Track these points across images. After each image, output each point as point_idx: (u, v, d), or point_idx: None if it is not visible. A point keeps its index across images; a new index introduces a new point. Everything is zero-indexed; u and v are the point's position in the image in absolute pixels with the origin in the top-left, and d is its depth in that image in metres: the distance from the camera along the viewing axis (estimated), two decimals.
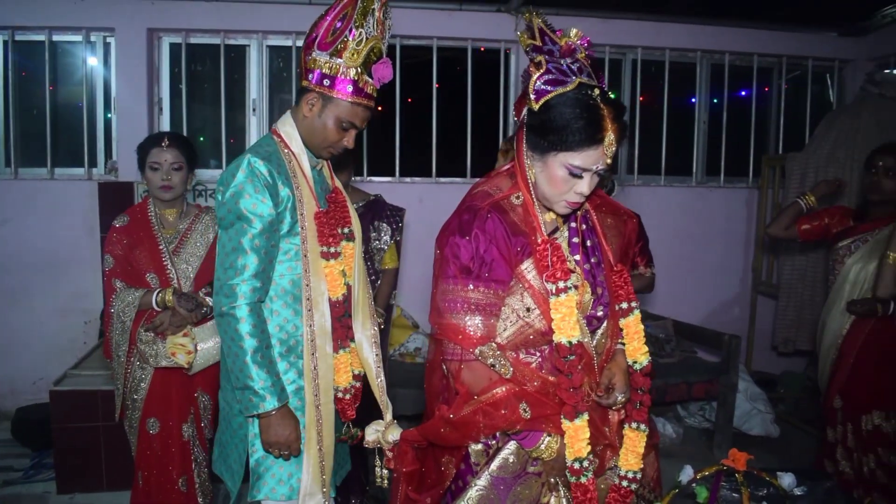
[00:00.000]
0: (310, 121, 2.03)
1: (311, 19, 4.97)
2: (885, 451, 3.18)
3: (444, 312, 1.73)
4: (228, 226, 1.95)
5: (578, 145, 1.61)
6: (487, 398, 1.69)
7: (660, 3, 4.95)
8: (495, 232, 1.70)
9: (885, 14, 5.15)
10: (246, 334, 1.90)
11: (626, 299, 1.85)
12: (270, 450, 1.97)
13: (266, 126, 4.83)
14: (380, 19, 1.99)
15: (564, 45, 1.67)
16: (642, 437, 1.86)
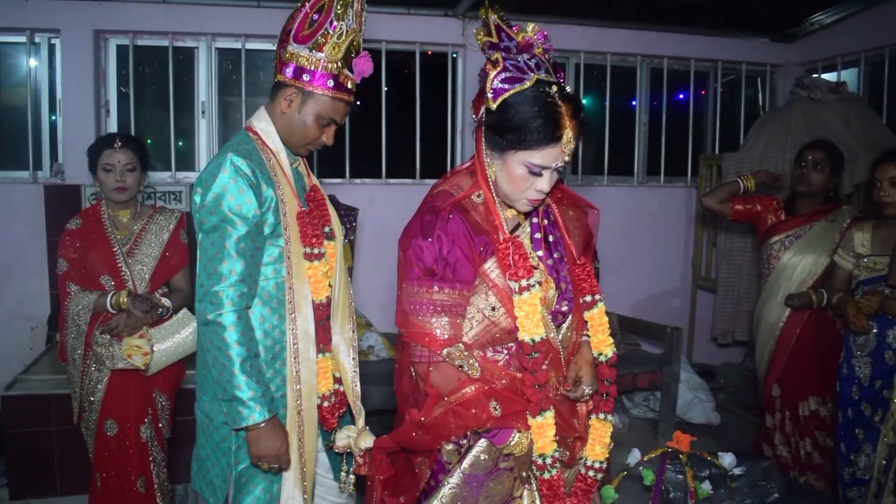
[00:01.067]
0: (288, 117, 1.96)
1: (260, 21, 5.00)
2: (822, 434, 3.39)
3: (410, 315, 1.70)
4: (211, 229, 1.85)
5: (537, 144, 1.61)
6: (457, 398, 1.68)
7: (602, 10, 5.11)
8: (457, 232, 1.70)
9: (813, 21, 5.42)
10: (234, 343, 1.81)
11: (589, 292, 1.86)
12: (259, 463, 1.89)
13: (216, 128, 4.83)
14: (358, 11, 1.95)
15: (522, 40, 1.66)
16: (609, 428, 1.88)
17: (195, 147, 4.86)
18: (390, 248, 5.49)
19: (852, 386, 3.00)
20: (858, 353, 2.98)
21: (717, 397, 5.10)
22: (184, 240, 3.00)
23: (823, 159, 3.33)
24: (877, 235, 2.99)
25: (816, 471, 3.41)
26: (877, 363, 2.93)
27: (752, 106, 6.06)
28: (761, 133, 4.90)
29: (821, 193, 3.39)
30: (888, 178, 2.89)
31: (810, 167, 3.35)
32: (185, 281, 3.00)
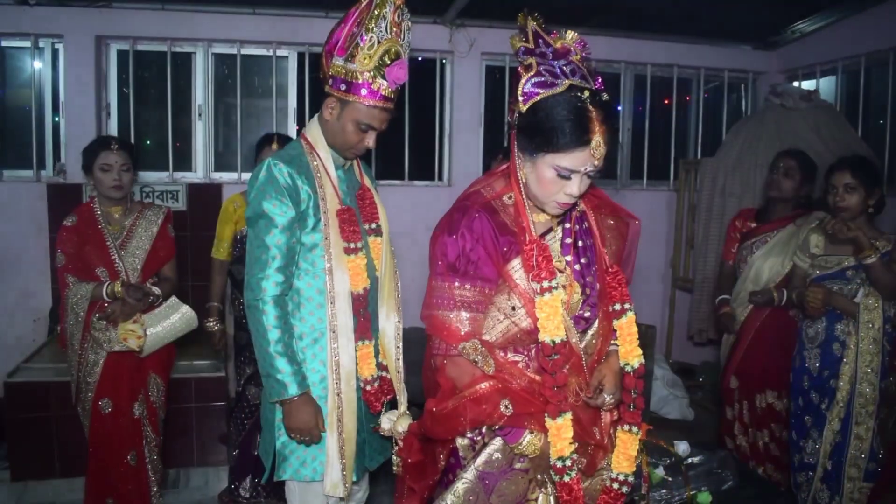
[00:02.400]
0: (331, 124, 2.16)
1: (254, 28, 5.19)
2: (778, 427, 3.56)
3: (433, 308, 1.76)
4: (254, 224, 2.10)
5: (566, 147, 1.62)
6: (471, 393, 1.72)
7: (587, 17, 5.28)
8: (482, 231, 1.73)
9: (794, 30, 5.58)
10: (269, 326, 2.04)
11: (619, 300, 1.83)
12: (292, 435, 2.10)
13: (212, 130, 5.03)
14: (394, 21, 2.07)
15: (559, 46, 1.69)
16: (635, 440, 1.84)
17: (192, 148, 5.07)
18: None
19: (803, 376, 3.18)
20: (809, 346, 3.16)
21: (695, 395, 5.25)
22: (171, 233, 3.23)
23: (794, 167, 3.52)
24: (829, 238, 3.16)
25: (774, 462, 3.58)
26: (825, 355, 3.11)
27: (735, 111, 6.24)
28: (736, 139, 5.07)
29: (791, 200, 3.58)
30: (843, 184, 3.05)
31: (781, 174, 3.54)
32: (172, 271, 3.24)
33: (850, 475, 3.00)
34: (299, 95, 5.19)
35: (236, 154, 5.13)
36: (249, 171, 5.14)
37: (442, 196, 5.39)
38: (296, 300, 2.15)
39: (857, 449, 2.99)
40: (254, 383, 3.34)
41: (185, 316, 3.10)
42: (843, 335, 3.06)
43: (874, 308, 2.97)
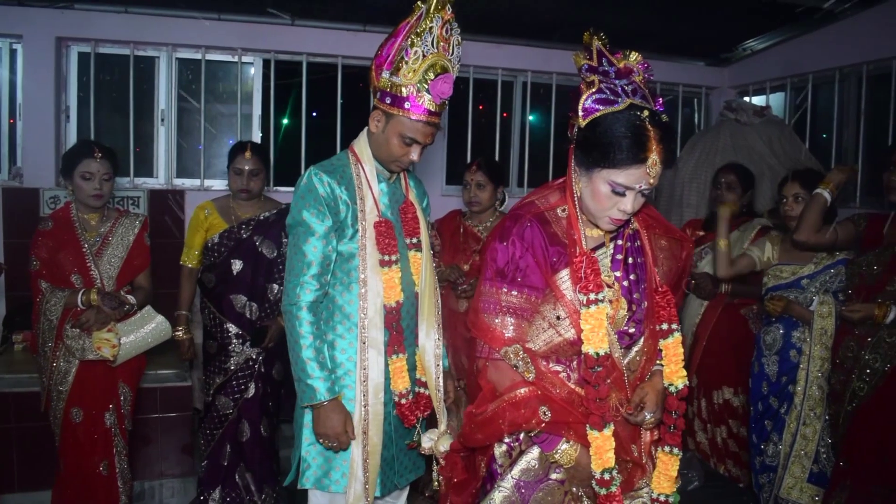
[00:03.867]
0: (376, 136, 2.18)
1: (220, 34, 5.17)
2: (735, 423, 3.71)
3: (479, 312, 1.79)
4: (293, 231, 2.14)
5: (622, 163, 1.63)
6: (510, 397, 1.74)
7: (548, 32, 5.40)
8: (533, 240, 1.75)
9: (745, 47, 5.80)
10: (302, 331, 2.07)
11: (667, 320, 1.84)
12: (321, 440, 2.10)
13: (174, 135, 4.97)
14: (441, 36, 2.07)
15: (622, 66, 1.72)
16: (675, 461, 1.84)
17: (154, 154, 4.99)
18: None
19: (762, 382, 3.32)
20: (767, 352, 3.30)
21: None
22: (147, 242, 3.19)
23: (735, 181, 3.75)
24: (783, 247, 3.32)
25: (733, 458, 3.74)
26: (783, 361, 3.25)
27: (689, 125, 6.44)
28: (692, 153, 5.24)
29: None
30: (792, 194, 3.21)
31: (724, 188, 3.75)
32: (147, 280, 3.20)
33: (792, 472, 3.15)
34: (264, 103, 5.16)
35: (199, 160, 5.07)
36: (212, 177, 5.11)
37: None
38: (329, 309, 2.18)
39: (803, 448, 3.14)
40: (223, 393, 3.31)
41: (160, 326, 3.07)
42: (799, 342, 3.21)
43: (827, 316, 3.12)
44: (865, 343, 2.92)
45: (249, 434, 3.33)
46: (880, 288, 2.91)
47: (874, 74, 4.93)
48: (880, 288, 2.91)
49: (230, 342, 3.30)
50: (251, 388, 3.33)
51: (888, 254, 2.92)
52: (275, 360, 3.44)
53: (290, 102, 5.38)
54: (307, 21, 5.06)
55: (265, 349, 3.34)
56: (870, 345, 2.90)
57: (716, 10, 4.88)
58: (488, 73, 5.60)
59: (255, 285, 3.34)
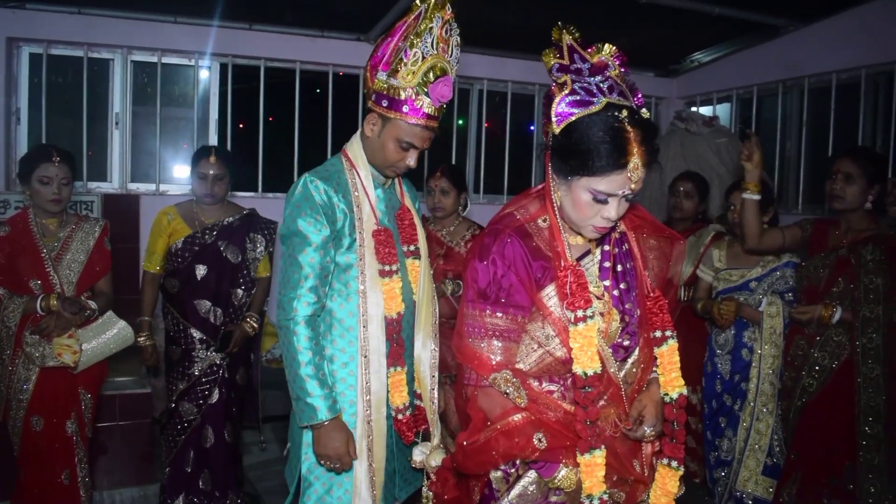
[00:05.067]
0: (371, 140, 2.07)
1: (176, 37, 5.13)
2: (693, 420, 3.82)
3: (464, 337, 1.67)
4: (287, 241, 2.02)
5: (602, 170, 1.51)
6: (503, 425, 1.63)
7: (504, 41, 5.50)
8: (514, 257, 1.64)
9: (693, 59, 6.00)
10: (300, 347, 1.96)
11: (660, 327, 1.73)
12: (322, 461, 2.00)
13: (129, 139, 4.89)
14: (441, 37, 1.98)
15: (596, 61, 1.58)
16: (674, 476, 1.74)
17: (108, 158, 4.91)
18: None
19: (715, 381, 3.44)
20: (720, 352, 3.43)
21: None
22: (107, 247, 3.14)
23: (692, 189, 3.90)
24: (730, 252, 3.46)
25: (690, 454, 3.85)
26: (735, 360, 3.38)
27: None
28: None
29: (691, 217, 3.93)
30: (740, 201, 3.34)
31: (682, 196, 3.89)
32: (108, 285, 3.15)
33: (748, 465, 3.28)
34: (221, 107, 5.13)
35: (155, 164, 5.01)
36: (168, 182, 5.06)
37: None
38: (328, 321, 2.08)
39: (757, 442, 3.27)
40: (187, 399, 3.28)
41: (122, 331, 3.03)
42: (750, 342, 3.34)
43: (776, 315, 3.26)
44: (814, 342, 3.05)
45: (213, 440, 3.30)
46: (827, 290, 3.05)
47: (815, 87, 5.17)
48: (827, 290, 3.05)
49: (194, 348, 3.26)
50: (215, 393, 3.29)
51: (833, 257, 3.06)
52: (238, 366, 3.42)
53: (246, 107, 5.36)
54: (265, 26, 5.05)
55: (229, 354, 3.32)
56: (818, 343, 3.04)
57: (665, 23, 5.04)
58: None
59: (219, 290, 3.31)
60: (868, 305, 2.92)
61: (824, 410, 3.03)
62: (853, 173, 2.95)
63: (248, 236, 3.41)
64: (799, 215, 5.02)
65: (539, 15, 4.92)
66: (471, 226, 3.63)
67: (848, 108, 4.90)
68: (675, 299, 2.27)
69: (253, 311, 3.43)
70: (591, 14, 4.80)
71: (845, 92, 4.93)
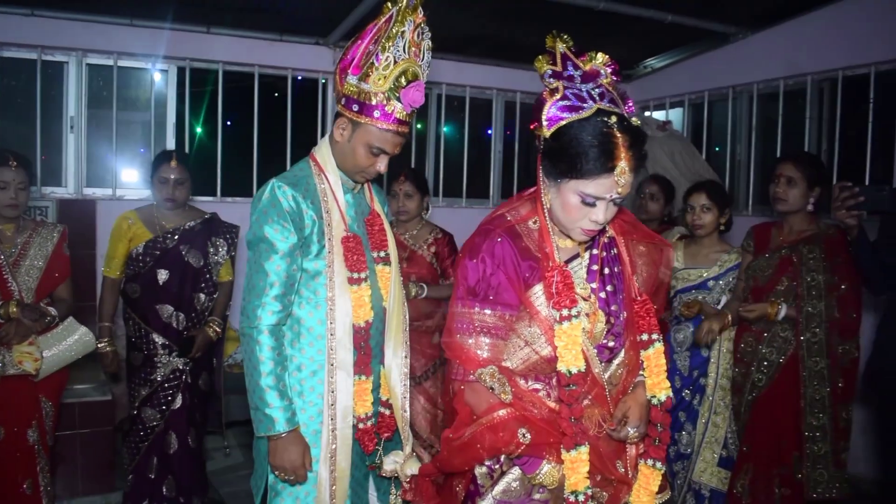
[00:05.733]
0: (341, 145, 2.04)
1: (132, 40, 5.08)
2: None
3: (453, 332, 1.71)
4: (254, 248, 1.99)
5: (590, 173, 1.56)
6: (488, 420, 1.67)
7: (463, 47, 5.56)
8: (504, 256, 1.68)
9: (646, 65, 6.14)
10: (262, 357, 1.93)
11: (647, 330, 1.78)
12: (277, 473, 1.97)
13: (84, 143, 4.83)
14: (412, 41, 1.96)
15: (588, 69, 1.63)
16: (657, 475, 1.77)
17: (62, 162, 4.83)
18: None
19: (674, 377, 3.53)
20: (678, 349, 3.53)
21: None
22: (66, 252, 3.11)
23: (658, 191, 4.02)
24: (688, 252, 3.56)
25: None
26: (694, 356, 3.48)
27: None
28: None
29: (657, 219, 4.04)
30: (700, 204, 3.45)
31: (648, 198, 4.00)
32: (67, 291, 3.12)
33: (704, 457, 3.39)
34: (178, 111, 5.09)
35: (111, 169, 4.95)
36: (125, 186, 4.99)
37: None
38: (296, 329, 2.05)
39: (714, 435, 3.38)
40: (149, 405, 3.26)
41: (83, 338, 3.01)
42: None
43: None
44: (762, 338, 3.18)
45: (177, 445, 3.28)
46: (771, 288, 3.18)
47: (764, 93, 5.34)
48: (771, 288, 3.18)
49: (156, 353, 3.25)
50: (178, 399, 3.28)
51: (777, 257, 3.19)
52: (202, 371, 3.41)
53: (204, 111, 5.33)
54: (223, 29, 5.03)
55: (192, 359, 3.31)
56: (766, 339, 3.16)
57: (621, 30, 5.16)
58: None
59: (181, 295, 3.30)
60: (811, 302, 3.06)
61: (773, 404, 3.15)
62: (795, 177, 3.09)
63: (210, 240, 3.41)
64: (749, 217, 5.19)
65: (499, 20, 5.01)
66: (433, 229, 3.68)
67: (795, 113, 5.08)
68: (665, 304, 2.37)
69: (215, 316, 3.43)
70: (549, 20, 4.89)
71: (792, 98, 5.11)
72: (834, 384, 3.03)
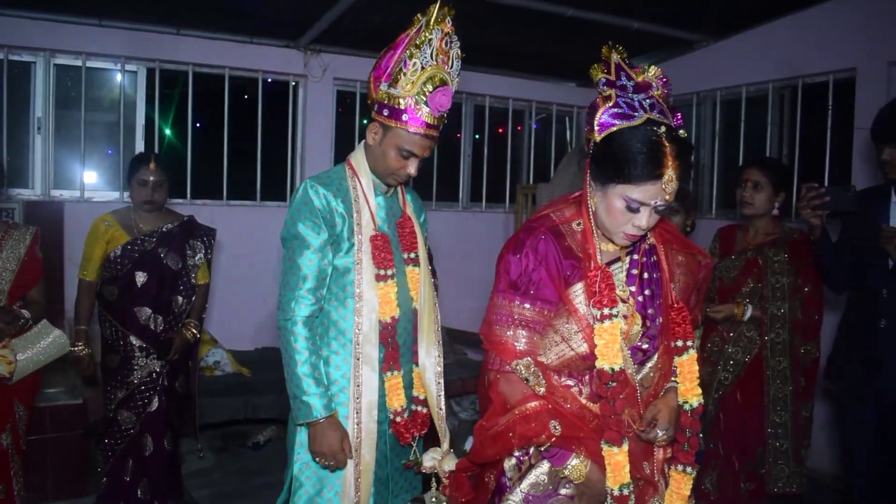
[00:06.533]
0: (373, 149, 2.14)
1: (101, 40, 5.03)
2: None
3: (492, 325, 1.76)
4: (287, 244, 2.09)
5: (637, 179, 1.60)
6: (521, 411, 1.71)
7: None
8: (547, 254, 1.73)
9: None
10: (298, 347, 2.02)
11: (682, 337, 1.81)
12: (317, 458, 2.05)
13: (51, 144, 4.77)
14: (440, 48, 2.05)
15: (640, 80, 1.68)
16: (688, 480, 1.82)
17: (29, 163, 4.76)
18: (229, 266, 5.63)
19: None
20: None
21: None
22: (39, 255, 3.08)
23: (678, 205, 4.02)
24: None
25: None
26: None
27: (561, 142, 6.85)
28: (569, 166, 5.59)
29: None
30: None
31: (669, 212, 4.04)
32: (41, 294, 3.09)
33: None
34: (148, 112, 5.05)
35: (79, 170, 4.89)
36: (94, 188, 4.94)
37: None
38: (325, 324, 2.15)
39: None
40: (126, 408, 3.24)
41: (57, 340, 2.98)
42: None
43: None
44: (728, 338, 3.28)
45: (153, 448, 3.27)
46: (737, 289, 3.29)
47: (727, 99, 5.49)
48: (737, 289, 3.29)
49: (133, 355, 3.23)
50: (154, 401, 3.27)
51: (742, 259, 3.30)
52: (178, 373, 3.41)
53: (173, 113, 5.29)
54: (193, 31, 5.01)
55: (169, 362, 3.31)
56: (732, 339, 3.27)
57: (588, 36, 5.25)
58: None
59: (160, 297, 3.30)
60: (775, 303, 3.17)
61: (738, 401, 3.25)
62: (761, 181, 3.19)
63: (189, 243, 3.42)
64: (713, 219, 5.32)
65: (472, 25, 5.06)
66: None
67: (757, 119, 5.23)
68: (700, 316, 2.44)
69: (193, 318, 3.43)
70: (518, 26, 4.97)
71: (754, 104, 5.27)
72: (795, 383, 3.16)
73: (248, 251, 5.25)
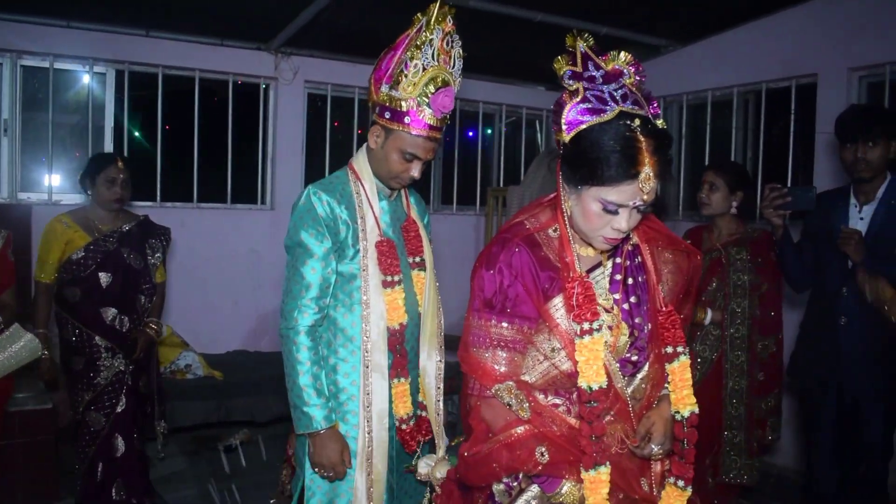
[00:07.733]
0: (375, 152, 2.10)
1: (69, 42, 5.01)
2: None
3: (469, 346, 1.63)
4: (291, 252, 2.06)
5: (611, 180, 1.46)
6: (505, 437, 1.59)
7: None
8: (522, 267, 1.60)
9: None
10: (298, 356, 2.00)
11: (672, 343, 1.68)
12: (316, 469, 2.03)
13: (18, 146, 4.71)
14: (442, 48, 2.01)
15: (611, 69, 1.54)
16: (683, 496, 1.69)
17: None
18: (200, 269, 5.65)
19: None
20: None
21: None
22: (10, 258, 3.06)
23: None
24: None
25: None
26: None
27: (531, 144, 6.92)
28: (539, 169, 5.64)
29: None
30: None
31: None
32: (12, 298, 3.07)
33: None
34: (117, 115, 5.01)
35: (47, 173, 4.84)
36: (62, 191, 4.89)
37: (264, 220, 5.47)
38: (332, 331, 2.11)
39: None
40: (94, 409, 3.23)
41: (29, 344, 2.95)
42: None
43: None
44: (696, 336, 3.36)
45: (124, 448, 3.27)
46: (703, 289, 3.34)
47: (693, 104, 5.60)
48: (703, 289, 3.34)
49: (99, 356, 3.22)
50: (122, 401, 3.28)
51: (708, 259, 3.37)
52: (141, 374, 3.41)
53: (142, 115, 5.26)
54: (163, 33, 4.98)
55: (134, 362, 3.31)
56: (699, 338, 3.35)
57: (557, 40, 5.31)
58: (345, 91, 5.77)
59: (124, 297, 3.30)
60: (736, 300, 3.26)
61: (704, 396, 3.30)
62: (716, 183, 3.31)
63: (148, 242, 3.44)
64: (679, 221, 5.43)
65: None
66: None
67: (722, 123, 5.35)
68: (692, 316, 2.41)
69: (154, 316, 3.45)
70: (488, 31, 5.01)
71: (720, 108, 5.39)
72: (752, 377, 3.25)
73: (219, 254, 5.23)
